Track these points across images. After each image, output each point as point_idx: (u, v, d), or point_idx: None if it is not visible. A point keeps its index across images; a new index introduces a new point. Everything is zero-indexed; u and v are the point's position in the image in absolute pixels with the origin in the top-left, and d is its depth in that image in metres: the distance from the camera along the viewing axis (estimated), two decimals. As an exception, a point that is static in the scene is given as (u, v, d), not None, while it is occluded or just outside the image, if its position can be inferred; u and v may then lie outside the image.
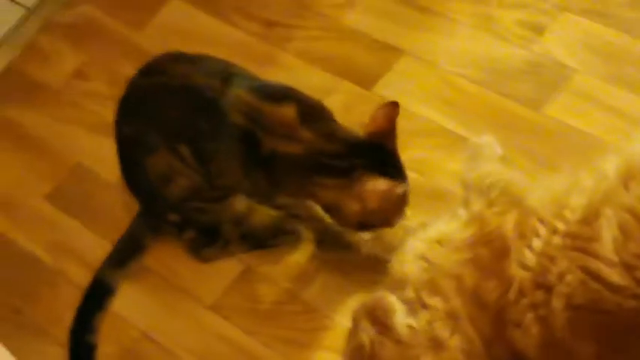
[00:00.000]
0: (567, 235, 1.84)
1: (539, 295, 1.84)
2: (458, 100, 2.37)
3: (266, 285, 2.23)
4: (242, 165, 2.07)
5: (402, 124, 2.08)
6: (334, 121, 2.08)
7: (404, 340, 1.88)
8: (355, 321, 1.96)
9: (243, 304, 2.22)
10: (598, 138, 2.21)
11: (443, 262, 1.94)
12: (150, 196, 2.22)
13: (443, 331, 1.88)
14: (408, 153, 2.17)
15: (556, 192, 1.92)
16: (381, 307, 1.93)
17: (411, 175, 2.10)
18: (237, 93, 2.07)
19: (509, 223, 1.90)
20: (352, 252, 2.17)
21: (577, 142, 2.22)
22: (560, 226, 1.86)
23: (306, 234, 2.24)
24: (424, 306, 1.91)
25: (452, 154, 2.28)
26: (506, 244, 1.88)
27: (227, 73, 2.12)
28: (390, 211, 2.04)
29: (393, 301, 1.94)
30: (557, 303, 1.82)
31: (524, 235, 1.88)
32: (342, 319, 2.12)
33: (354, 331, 1.96)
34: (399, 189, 2.00)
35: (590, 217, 1.84)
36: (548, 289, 1.83)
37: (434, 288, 1.92)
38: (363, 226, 2.06)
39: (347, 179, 1.99)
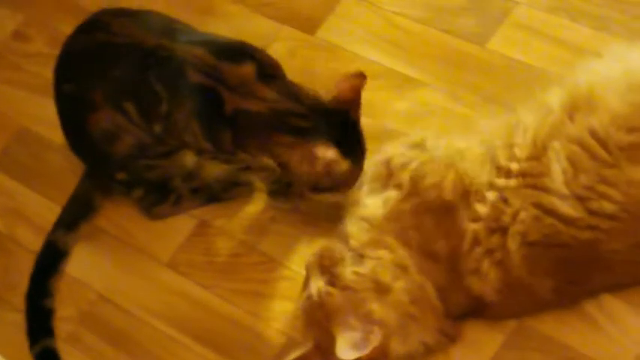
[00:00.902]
0: (519, 174, 1.85)
1: (494, 240, 1.85)
2: (401, 39, 2.36)
3: (221, 238, 2.22)
4: (203, 125, 2.04)
5: (347, 67, 2.06)
6: (289, 80, 2.06)
7: (350, 286, 1.90)
8: (307, 272, 1.97)
9: (200, 259, 2.21)
10: (543, 70, 2.21)
11: (385, 226, 1.95)
12: (95, 156, 2.20)
13: (388, 276, 1.90)
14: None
15: (500, 134, 1.93)
16: (328, 256, 1.95)
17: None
18: (192, 51, 2.03)
19: (446, 187, 1.91)
20: (305, 200, 2.16)
21: (523, 75, 2.22)
22: (513, 167, 1.87)
23: (259, 185, 2.23)
24: (369, 257, 1.93)
25: (399, 94, 2.27)
26: (449, 205, 1.90)
27: (170, 29, 2.09)
28: (338, 181, 2.01)
29: (339, 249, 1.96)
30: (512, 243, 1.84)
31: (467, 194, 1.89)
32: (300, 269, 2.11)
33: (306, 282, 1.97)
34: (344, 165, 1.97)
35: (538, 153, 1.85)
36: (502, 231, 1.85)
37: (378, 244, 1.93)
38: (313, 188, 2.04)
39: (303, 140, 1.97)
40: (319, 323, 1.91)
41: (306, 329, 1.95)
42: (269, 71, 2.04)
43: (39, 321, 2.18)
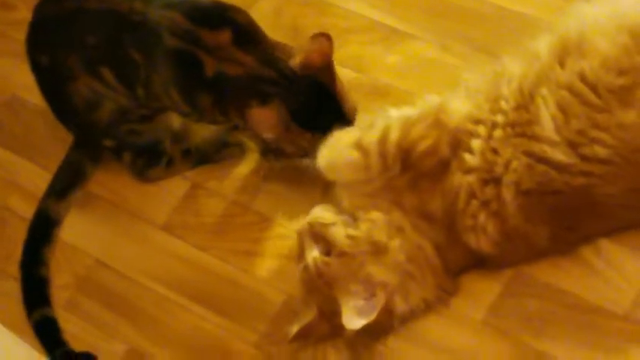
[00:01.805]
0: (506, 124, 1.84)
1: (489, 191, 1.85)
2: (388, -9, 2.35)
3: (215, 199, 2.22)
4: (182, 90, 2.03)
5: (335, 22, 2.05)
6: (269, 43, 2.04)
7: (346, 250, 1.88)
8: (300, 240, 1.95)
9: (195, 221, 2.21)
10: (534, 17, 2.20)
11: (379, 193, 1.93)
12: (80, 125, 2.19)
13: (383, 236, 1.89)
14: (344, 51, 2.14)
15: (483, 87, 1.91)
16: (319, 223, 1.92)
17: (348, 72, 2.07)
18: (168, 15, 2.01)
19: (441, 148, 1.88)
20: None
21: (513, 23, 2.21)
22: (499, 118, 1.85)
23: (250, 144, 2.22)
24: (363, 219, 1.91)
25: (388, 47, 2.26)
26: (445, 162, 1.88)
27: None
28: (300, 148, 1.99)
29: (329, 215, 1.94)
30: (507, 193, 1.83)
31: (459, 144, 1.87)
32: (295, 226, 2.11)
33: (299, 251, 1.96)
34: (273, 119, 1.93)
35: (526, 101, 1.84)
36: (496, 181, 1.84)
37: (372, 206, 1.92)
38: (277, 152, 2.02)
39: (263, 103, 1.95)
40: (320, 291, 1.90)
41: (308, 297, 1.94)
42: (247, 36, 2.01)
43: (35, 290, 2.18)
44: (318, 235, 1.91)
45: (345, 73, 2.06)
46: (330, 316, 1.90)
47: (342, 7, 2.31)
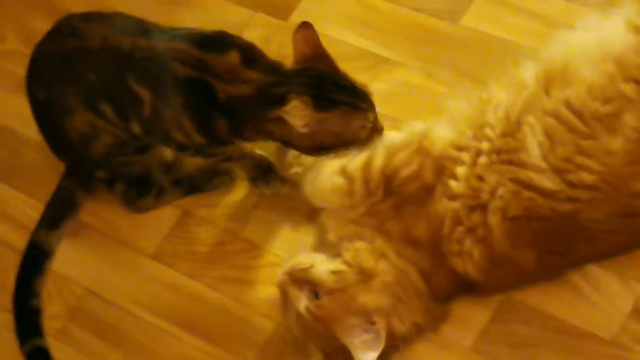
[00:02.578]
0: (491, 151, 1.86)
1: (475, 218, 1.86)
2: (374, 20, 2.36)
3: (205, 228, 2.22)
4: (195, 118, 2.02)
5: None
6: (269, 58, 2.05)
7: (334, 287, 1.89)
8: (282, 291, 1.95)
9: (185, 250, 2.21)
10: (518, 44, 2.21)
11: (362, 221, 1.95)
12: (74, 157, 2.20)
13: (369, 262, 1.90)
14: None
15: (467, 114, 1.93)
16: (297, 270, 1.92)
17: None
18: (174, 46, 2.02)
19: (425, 173, 1.90)
20: (286, 186, 2.17)
21: (498, 49, 2.22)
22: (485, 145, 1.87)
23: (239, 173, 2.23)
24: (347, 249, 1.92)
25: (375, 75, 2.28)
26: (429, 188, 1.90)
27: (143, 28, 2.07)
28: (330, 131, 1.95)
29: (305, 258, 1.95)
30: (493, 219, 1.85)
31: (442, 170, 1.89)
32: (285, 253, 2.12)
33: (283, 302, 1.96)
34: (308, 109, 1.90)
35: (512, 129, 1.86)
36: (482, 208, 1.85)
37: (356, 236, 1.93)
38: (320, 148, 1.98)
39: (282, 106, 1.94)
40: (320, 335, 1.90)
41: (309, 344, 1.92)
42: (251, 55, 2.03)
43: (28, 321, 2.18)
44: (300, 281, 1.91)
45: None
46: (335, 354, 1.90)
47: (330, 37, 2.32)
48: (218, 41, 2.04)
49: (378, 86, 2.25)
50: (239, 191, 2.24)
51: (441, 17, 2.31)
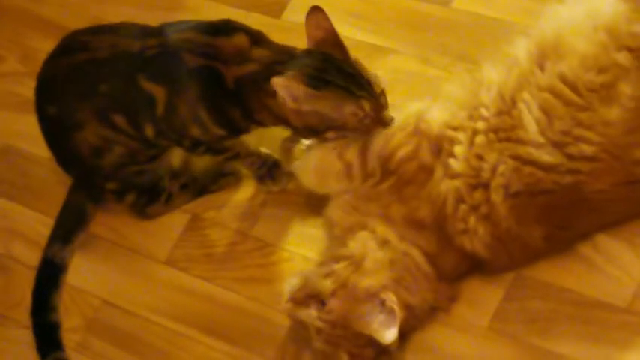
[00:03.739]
0: (488, 130, 1.87)
1: (478, 196, 1.87)
2: (366, 10, 2.37)
3: (215, 229, 2.24)
4: (211, 108, 2.03)
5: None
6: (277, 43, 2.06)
7: (335, 287, 1.89)
8: (290, 316, 1.96)
9: (197, 253, 2.22)
10: (510, 22, 2.22)
11: (365, 208, 1.96)
12: (84, 171, 2.20)
13: (359, 249, 1.92)
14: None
15: (461, 96, 1.94)
16: (296, 290, 1.93)
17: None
18: (183, 37, 2.04)
19: (422, 153, 1.92)
20: (292, 181, 2.18)
21: (490, 29, 2.23)
22: (480, 125, 1.88)
23: (245, 172, 2.24)
24: (351, 240, 1.94)
25: (371, 64, 2.22)
26: (428, 168, 1.91)
27: (151, 30, 2.09)
28: (319, 112, 1.94)
29: (296, 278, 1.95)
30: (496, 196, 1.85)
31: (440, 150, 1.90)
32: (297, 248, 2.14)
33: (295, 327, 1.98)
34: (298, 83, 1.89)
35: (508, 107, 1.87)
36: (484, 186, 1.86)
37: (358, 227, 1.94)
38: (311, 129, 1.99)
39: None
40: (342, 338, 1.90)
41: (336, 352, 1.92)
42: (259, 37, 2.05)
43: (47, 336, 2.19)
44: (303, 301, 1.91)
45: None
46: (360, 352, 1.90)
47: (324, 29, 2.33)
48: (225, 26, 2.06)
49: (378, 74, 2.27)
50: (246, 191, 2.25)
51: (432, 1, 2.32)
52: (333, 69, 1.95)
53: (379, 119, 1.97)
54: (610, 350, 1.87)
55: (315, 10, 1.97)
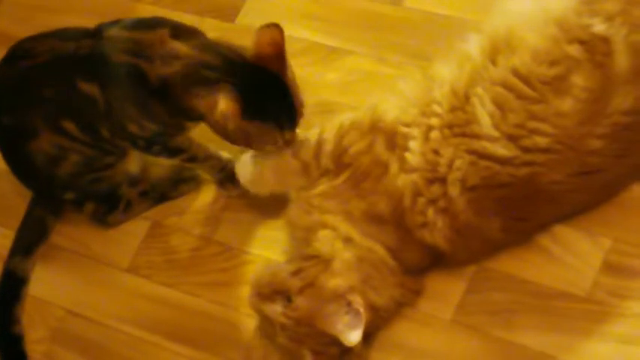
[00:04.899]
0: (443, 126, 1.88)
1: (435, 189, 1.88)
2: (320, 12, 2.38)
3: (177, 235, 2.24)
4: (136, 103, 2.02)
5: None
6: (206, 36, 2.04)
7: (302, 285, 1.89)
8: (255, 310, 1.96)
9: (159, 260, 2.23)
10: (460, 18, 2.24)
11: (324, 205, 1.97)
12: (41, 182, 2.20)
13: (327, 248, 1.93)
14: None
15: (413, 93, 1.96)
16: (262, 285, 1.94)
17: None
18: (113, 34, 2.02)
19: (377, 148, 1.93)
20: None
21: (443, 27, 2.25)
22: (434, 121, 1.89)
23: (205, 176, 2.24)
24: (313, 240, 1.95)
25: (327, 65, 2.30)
26: (383, 162, 1.92)
27: (92, 31, 2.07)
28: (244, 132, 1.95)
29: (264, 270, 1.97)
30: (454, 190, 1.87)
31: (394, 146, 1.92)
32: (260, 251, 2.15)
33: (261, 321, 1.98)
34: (235, 119, 1.90)
35: (461, 102, 1.88)
36: (441, 180, 1.87)
37: (319, 225, 1.95)
38: (228, 138, 1.99)
39: (211, 90, 1.93)
40: (307, 335, 1.90)
41: (299, 350, 1.93)
42: (183, 30, 2.02)
43: (11, 349, 2.19)
44: (270, 295, 1.91)
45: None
46: (327, 349, 1.91)
47: (278, 33, 2.34)
48: (151, 21, 2.05)
49: (331, 76, 2.29)
50: (206, 195, 2.25)
51: (384, 1, 2.34)
52: (273, 96, 1.95)
53: (287, 141, 2.00)
54: (572, 339, 1.89)
55: (272, 26, 1.93)
